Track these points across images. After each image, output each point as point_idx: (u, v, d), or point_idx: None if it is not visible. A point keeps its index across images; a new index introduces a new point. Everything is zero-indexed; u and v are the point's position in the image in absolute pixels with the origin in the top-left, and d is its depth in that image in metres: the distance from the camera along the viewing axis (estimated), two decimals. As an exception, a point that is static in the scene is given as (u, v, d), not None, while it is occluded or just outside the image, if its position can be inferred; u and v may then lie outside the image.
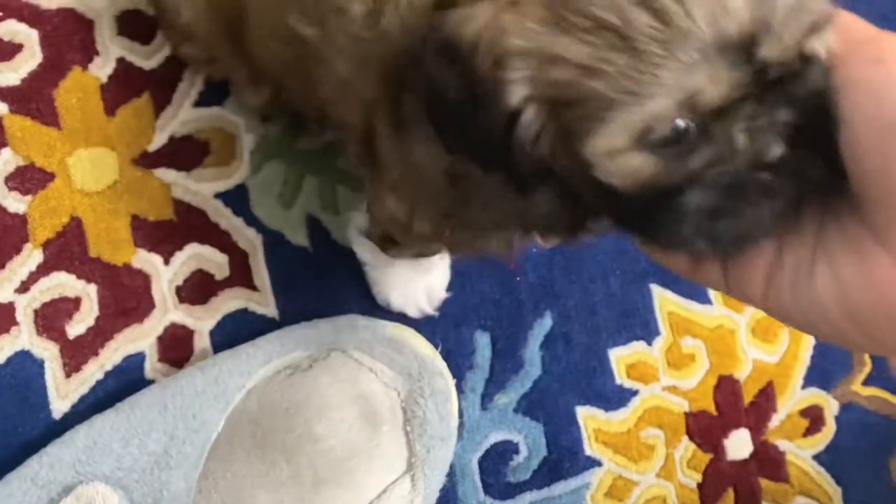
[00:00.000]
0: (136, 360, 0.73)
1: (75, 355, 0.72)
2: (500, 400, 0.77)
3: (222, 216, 0.76)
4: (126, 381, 0.72)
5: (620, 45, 0.35)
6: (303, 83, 0.57)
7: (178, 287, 0.75)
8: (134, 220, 0.75)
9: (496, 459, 0.76)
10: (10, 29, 0.75)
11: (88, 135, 0.75)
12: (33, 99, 0.74)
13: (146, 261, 0.74)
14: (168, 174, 0.75)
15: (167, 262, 0.75)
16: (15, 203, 0.73)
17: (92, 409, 0.70)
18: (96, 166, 0.75)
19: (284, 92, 0.68)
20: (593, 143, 0.36)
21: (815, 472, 0.81)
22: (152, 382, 0.72)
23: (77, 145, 0.75)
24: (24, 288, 0.72)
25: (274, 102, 0.71)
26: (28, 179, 0.74)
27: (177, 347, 0.74)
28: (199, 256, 0.75)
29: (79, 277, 0.73)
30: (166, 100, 0.76)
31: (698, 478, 0.79)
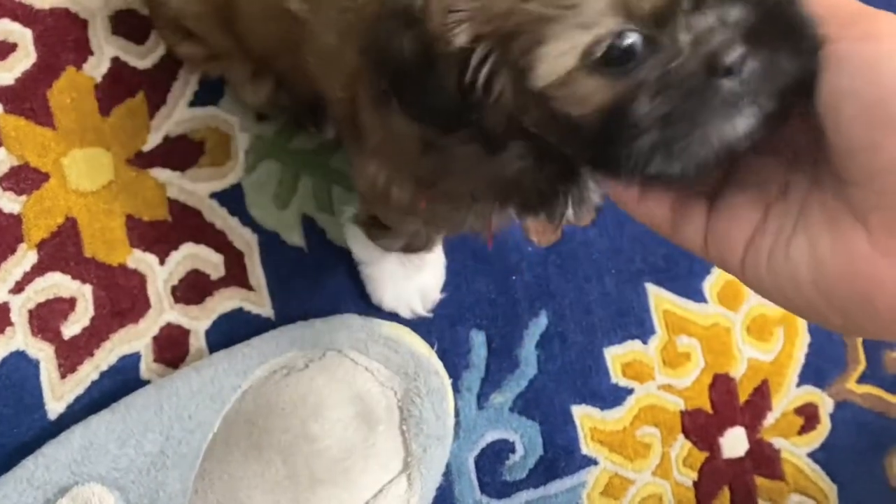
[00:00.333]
0: (132, 361, 0.73)
1: (70, 356, 0.72)
2: (495, 399, 0.77)
3: (217, 216, 0.76)
4: (121, 382, 0.72)
5: None
6: (291, 62, 0.59)
7: (174, 287, 0.74)
8: (129, 221, 0.75)
9: (492, 458, 0.76)
10: (3, 28, 0.75)
11: (83, 135, 0.75)
12: (27, 99, 0.74)
13: (141, 261, 0.74)
14: (163, 174, 0.75)
15: (162, 262, 0.74)
16: (9, 203, 0.73)
17: (87, 410, 0.70)
18: (91, 166, 0.74)
19: (280, 85, 0.69)
20: (543, 68, 0.37)
21: (811, 469, 0.82)
22: (148, 383, 0.72)
23: (72, 145, 0.74)
24: (18, 288, 0.72)
25: (272, 101, 0.71)
26: (23, 179, 0.73)
27: (172, 347, 0.74)
28: (194, 256, 0.75)
29: (74, 278, 0.73)
30: (161, 99, 0.76)
31: (694, 476, 0.79)
